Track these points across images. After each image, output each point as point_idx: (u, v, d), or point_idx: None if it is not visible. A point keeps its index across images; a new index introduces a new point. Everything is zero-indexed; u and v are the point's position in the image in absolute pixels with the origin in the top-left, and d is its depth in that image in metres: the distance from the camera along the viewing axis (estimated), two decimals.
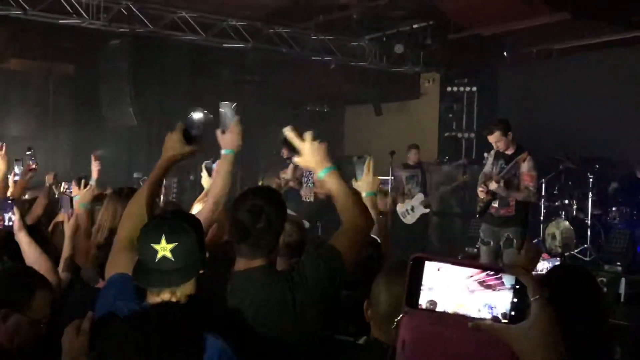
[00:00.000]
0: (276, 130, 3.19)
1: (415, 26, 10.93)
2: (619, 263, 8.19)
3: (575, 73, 10.46)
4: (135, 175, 9.93)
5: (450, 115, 12.06)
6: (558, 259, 8.09)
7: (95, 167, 6.24)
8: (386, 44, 11.39)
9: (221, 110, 2.93)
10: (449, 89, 12.04)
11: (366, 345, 2.05)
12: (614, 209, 8.99)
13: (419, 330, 1.10)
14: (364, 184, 3.20)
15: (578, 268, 2.94)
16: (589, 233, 8.96)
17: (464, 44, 11.30)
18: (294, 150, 2.55)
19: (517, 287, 1.08)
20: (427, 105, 12.65)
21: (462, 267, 1.10)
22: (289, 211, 3.07)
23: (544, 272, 5.81)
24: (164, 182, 2.88)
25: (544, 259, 7.42)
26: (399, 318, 1.14)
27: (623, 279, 7.69)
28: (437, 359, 1.11)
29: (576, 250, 8.75)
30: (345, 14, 10.45)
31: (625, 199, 8.95)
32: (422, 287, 1.10)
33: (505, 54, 11.80)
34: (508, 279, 1.08)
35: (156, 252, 2.04)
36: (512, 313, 1.07)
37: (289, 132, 2.53)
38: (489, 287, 1.08)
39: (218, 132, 2.95)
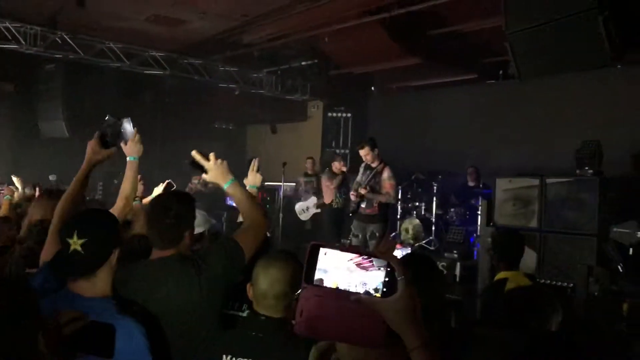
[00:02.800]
0: (191, 144, 3.15)
1: (303, 63, 11.04)
2: (455, 251, 8.44)
3: (424, 105, 10.86)
4: (50, 177, 9.23)
5: (331, 135, 12.20)
6: (409, 248, 8.31)
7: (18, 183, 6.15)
8: (280, 76, 11.44)
9: (123, 125, 2.85)
10: (329, 114, 12.16)
11: (247, 317, 2.14)
12: (452, 209, 9.29)
13: (313, 301, 1.12)
14: (249, 178, 3.17)
15: (423, 255, 3.03)
16: (433, 228, 9.26)
17: (341, 79, 11.52)
18: (201, 169, 2.48)
19: (389, 269, 1.11)
20: (312, 127, 12.73)
21: (344, 252, 1.12)
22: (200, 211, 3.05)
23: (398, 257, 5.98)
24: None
25: (398, 249, 7.62)
26: (298, 292, 1.17)
27: (458, 264, 7.98)
28: (326, 325, 1.12)
29: (424, 242, 8.99)
30: (248, 50, 10.40)
31: (461, 202, 9.35)
32: (316, 268, 1.12)
33: (373, 88, 12.14)
34: (378, 262, 1.11)
35: (69, 245, 1.94)
36: (384, 289, 1.10)
37: (195, 154, 2.48)
38: (364, 268, 1.11)
39: (122, 144, 2.89)
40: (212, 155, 2.50)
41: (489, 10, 6.98)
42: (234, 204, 2.59)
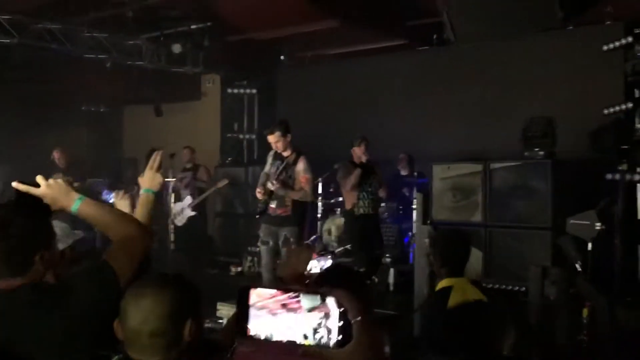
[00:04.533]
0: (51, 133, 2.97)
1: (193, 27, 10.77)
2: (388, 255, 8.56)
3: (345, 77, 10.87)
4: None
5: (232, 116, 12.05)
6: (329, 258, 8.27)
7: None
8: (164, 43, 11.11)
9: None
10: (229, 90, 12.00)
11: None
12: (383, 204, 9.37)
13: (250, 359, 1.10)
14: (145, 179, 2.97)
15: (345, 268, 3.03)
16: None
17: (242, 47, 11.36)
18: (33, 201, 2.36)
19: (341, 309, 1.05)
20: (208, 106, 12.55)
21: (266, 290, 1.08)
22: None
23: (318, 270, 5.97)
24: None
25: (314, 259, 7.60)
26: (233, 347, 1.21)
27: (392, 270, 8.11)
28: None
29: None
30: (120, 11, 10.00)
31: (392, 195, 9.40)
32: (248, 315, 1.08)
33: (282, 57, 12.06)
34: (308, 302, 1.06)
35: None
36: (339, 337, 1.05)
37: (17, 185, 2.36)
38: (291, 310, 1.06)
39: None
40: (39, 178, 2.39)
41: None
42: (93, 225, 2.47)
